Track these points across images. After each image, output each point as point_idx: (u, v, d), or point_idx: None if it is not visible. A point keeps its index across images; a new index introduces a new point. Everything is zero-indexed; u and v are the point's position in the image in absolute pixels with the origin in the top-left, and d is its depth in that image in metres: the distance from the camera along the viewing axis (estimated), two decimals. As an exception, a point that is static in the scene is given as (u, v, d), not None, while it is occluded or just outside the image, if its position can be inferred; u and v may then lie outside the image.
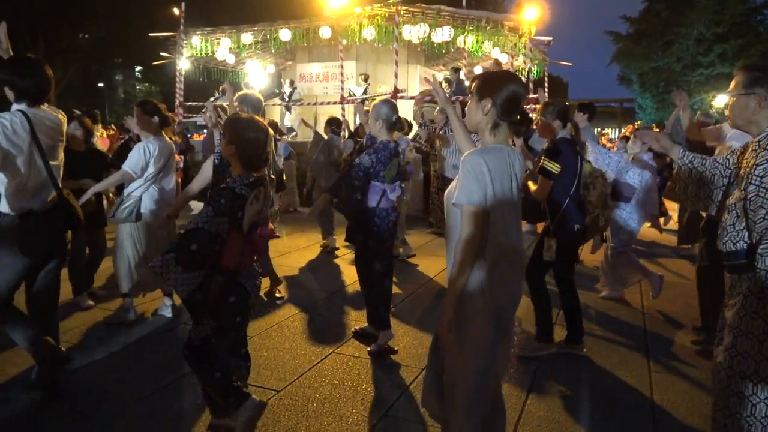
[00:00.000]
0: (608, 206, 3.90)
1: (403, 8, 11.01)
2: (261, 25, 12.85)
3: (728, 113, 2.26)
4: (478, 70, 13.91)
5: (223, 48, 13.17)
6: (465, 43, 11.65)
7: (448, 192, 2.12)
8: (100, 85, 28.48)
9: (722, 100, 14.40)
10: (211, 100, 6.95)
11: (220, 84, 14.35)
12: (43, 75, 2.88)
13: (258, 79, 15.97)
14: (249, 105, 4.47)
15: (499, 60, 12.22)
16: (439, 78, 13.64)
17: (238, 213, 2.31)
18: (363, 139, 4.79)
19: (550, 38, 13.92)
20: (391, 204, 3.85)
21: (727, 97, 2.27)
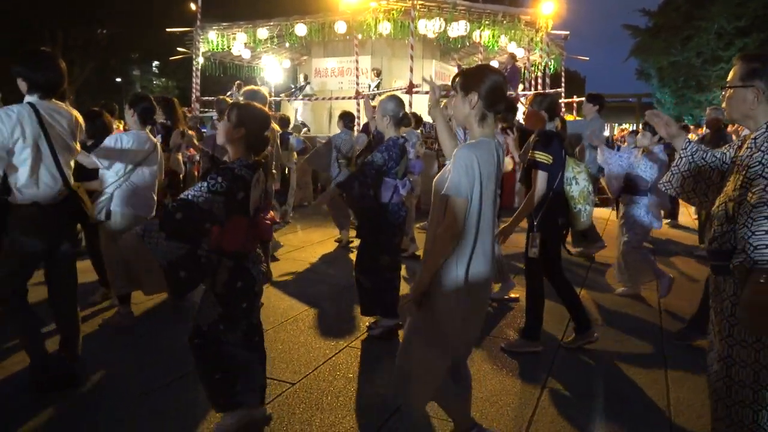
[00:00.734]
0: (590, 202, 3.83)
1: (419, 2, 10.96)
2: (277, 20, 12.89)
3: (725, 106, 2.12)
4: (494, 66, 13.81)
5: (239, 43, 13.23)
6: (481, 37, 11.56)
7: (437, 179, 2.23)
8: (118, 80, 28.77)
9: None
10: (228, 94, 7.03)
11: (236, 79, 14.47)
12: (56, 69, 2.90)
13: (273, 74, 16.03)
14: (255, 101, 4.52)
15: (515, 54, 12.12)
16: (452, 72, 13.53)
17: (238, 194, 2.30)
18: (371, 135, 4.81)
19: (567, 32, 13.78)
20: (401, 199, 3.90)
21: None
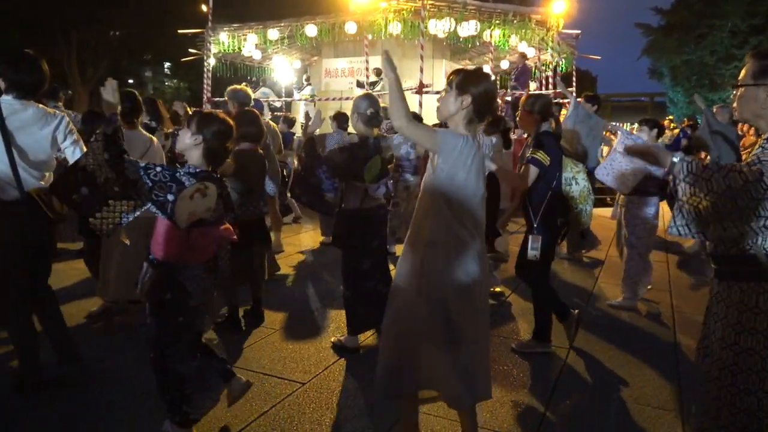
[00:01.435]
0: (590, 201, 3.77)
1: (429, 2, 10.95)
2: (287, 21, 12.93)
3: (735, 105, 2.03)
4: (505, 65, 13.76)
5: (250, 44, 13.29)
6: (491, 37, 11.51)
7: (427, 180, 2.25)
8: (130, 81, 29.05)
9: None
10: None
11: (246, 80, 14.53)
12: (37, 70, 2.85)
13: (284, 75, 16.09)
14: (236, 100, 4.51)
15: (525, 53, 12.05)
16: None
17: (162, 195, 2.21)
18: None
19: (578, 31, 13.67)
20: (377, 202, 3.61)
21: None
